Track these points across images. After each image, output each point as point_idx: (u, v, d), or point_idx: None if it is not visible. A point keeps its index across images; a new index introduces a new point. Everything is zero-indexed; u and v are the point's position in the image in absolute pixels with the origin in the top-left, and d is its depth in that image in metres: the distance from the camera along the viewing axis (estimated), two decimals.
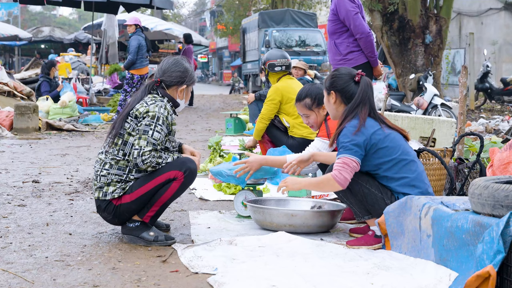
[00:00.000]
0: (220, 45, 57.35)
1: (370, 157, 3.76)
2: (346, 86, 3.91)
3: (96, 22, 20.51)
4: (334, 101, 3.94)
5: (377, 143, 3.73)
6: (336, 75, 3.97)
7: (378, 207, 3.76)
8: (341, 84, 3.92)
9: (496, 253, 2.72)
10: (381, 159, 3.75)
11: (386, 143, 3.75)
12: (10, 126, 10.75)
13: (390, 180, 3.78)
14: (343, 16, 5.70)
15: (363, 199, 3.79)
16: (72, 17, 75.23)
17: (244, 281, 3.11)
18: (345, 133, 3.75)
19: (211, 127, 12.51)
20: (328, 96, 3.97)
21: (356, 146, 3.69)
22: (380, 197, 3.77)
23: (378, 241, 3.79)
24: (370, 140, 3.72)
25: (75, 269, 3.37)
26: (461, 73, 5.68)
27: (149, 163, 3.80)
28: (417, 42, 15.41)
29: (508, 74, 21.47)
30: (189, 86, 4.12)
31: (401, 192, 3.76)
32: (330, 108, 4.00)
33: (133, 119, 3.88)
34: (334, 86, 3.93)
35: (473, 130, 11.01)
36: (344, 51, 5.78)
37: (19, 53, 38.83)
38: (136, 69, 12.35)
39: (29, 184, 5.93)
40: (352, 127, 3.74)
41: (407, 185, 3.76)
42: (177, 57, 4.18)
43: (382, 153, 3.75)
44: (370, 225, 3.87)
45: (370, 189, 3.77)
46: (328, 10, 31.09)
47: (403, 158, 3.77)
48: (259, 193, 4.76)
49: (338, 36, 5.79)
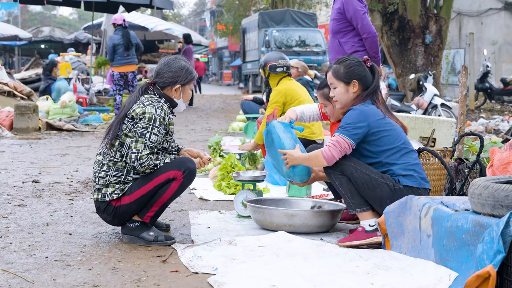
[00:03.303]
0: (220, 45, 57.32)
1: (372, 144, 3.78)
2: (366, 73, 3.93)
3: (96, 22, 20.51)
4: (356, 90, 3.92)
5: (380, 131, 3.77)
6: (352, 63, 3.94)
7: (379, 191, 3.75)
8: (361, 71, 3.92)
9: (496, 253, 2.72)
10: (383, 146, 3.79)
11: (390, 131, 3.80)
12: (10, 126, 10.74)
13: (391, 164, 3.79)
14: (351, 15, 5.70)
15: (363, 186, 3.76)
16: (72, 17, 75.22)
17: (244, 281, 3.11)
18: (351, 114, 3.79)
19: (211, 127, 12.51)
20: (348, 86, 3.92)
21: (356, 128, 3.73)
22: (382, 182, 3.76)
23: (369, 236, 3.79)
24: (372, 126, 3.75)
25: (75, 269, 3.37)
26: (461, 73, 5.68)
27: (147, 165, 3.80)
28: (417, 42, 15.40)
29: (508, 74, 21.46)
30: (185, 85, 4.05)
31: (401, 174, 3.78)
32: (348, 98, 3.95)
33: (129, 120, 3.87)
34: (355, 74, 3.91)
35: (473, 130, 11.01)
36: (349, 50, 5.77)
37: (19, 53, 38.83)
38: (115, 67, 12.43)
39: (29, 184, 5.93)
40: (359, 110, 3.78)
41: (408, 168, 3.80)
42: (172, 56, 4.13)
43: (384, 140, 3.78)
44: (361, 219, 3.86)
45: (371, 175, 3.77)
46: (328, 10, 31.09)
47: (404, 147, 3.83)
48: (259, 193, 4.76)
49: (343, 35, 5.79)
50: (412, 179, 3.80)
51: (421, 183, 3.82)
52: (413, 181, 3.80)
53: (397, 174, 3.78)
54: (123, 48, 12.24)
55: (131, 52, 12.38)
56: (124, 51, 12.26)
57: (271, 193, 5.57)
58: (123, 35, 12.25)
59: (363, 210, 3.82)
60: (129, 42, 12.28)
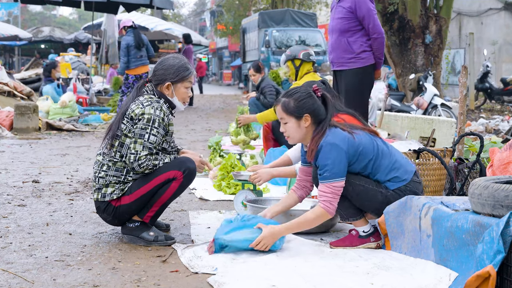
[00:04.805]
0: (220, 45, 57.32)
1: (354, 164, 3.71)
2: (317, 105, 3.73)
3: (96, 22, 20.51)
4: (308, 124, 3.71)
5: (355, 152, 3.66)
6: (302, 96, 3.72)
7: (375, 201, 3.72)
8: (312, 103, 3.71)
9: (496, 253, 2.72)
10: (363, 162, 3.70)
11: (361, 146, 3.67)
12: (10, 126, 10.75)
13: (375, 174, 3.74)
14: (363, 14, 5.68)
15: (358, 198, 3.72)
16: (72, 17, 75.21)
17: (244, 281, 3.11)
18: (324, 154, 3.61)
19: (211, 127, 12.51)
20: (300, 121, 3.71)
21: (338, 164, 3.59)
22: (376, 191, 3.72)
23: (362, 242, 3.77)
24: (348, 150, 3.63)
25: (75, 269, 3.37)
26: (461, 73, 5.68)
27: (146, 166, 3.80)
28: (417, 42, 15.41)
29: (508, 74, 21.46)
30: (177, 82, 3.98)
31: (386, 180, 3.73)
32: (301, 133, 3.74)
33: (129, 120, 3.87)
34: (306, 108, 3.70)
35: (473, 130, 11.01)
36: (358, 50, 5.77)
37: (19, 53, 38.83)
38: (129, 69, 12.33)
39: (29, 184, 5.93)
40: (328, 145, 3.60)
41: (390, 170, 3.73)
42: (168, 55, 4.10)
43: (362, 156, 3.68)
44: (355, 226, 3.83)
45: (365, 185, 3.72)
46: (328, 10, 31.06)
47: (377, 153, 3.72)
48: (259, 193, 4.76)
49: (352, 34, 5.78)
50: (397, 180, 3.73)
51: (405, 178, 3.74)
52: (399, 181, 3.74)
53: (383, 181, 3.75)
54: (135, 50, 12.22)
55: (143, 52, 12.38)
56: (136, 52, 12.24)
57: (271, 193, 5.57)
58: (135, 36, 12.25)
59: (356, 219, 3.80)
60: (141, 41, 12.27)
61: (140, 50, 12.30)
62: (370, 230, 3.78)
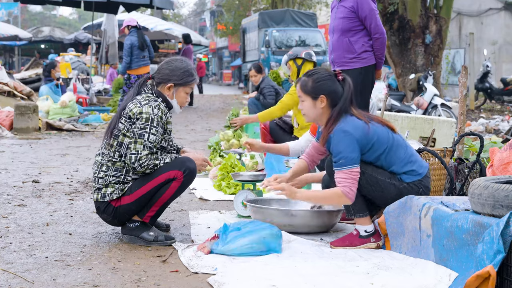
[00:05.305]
0: (220, 45, 57.32)
1: (367, 153, 3.73)
2: (336, 87, 3.78)
3: (96, 22, 20.51)
4: (323, 106, 3.77)
5: (369, 141, 3.69)
6: (320, 78, 3.79)
7: (387, 192, 3.73)
8: (330, 85, 3.77)
9: (496, 253, 2.72)
10: (376, 152, 3.73)
11: (375, 136, 3.71)
12: (10, 126, 10.75)
13: (390, 165, 3.75)
14: (366, 14, 5.68)
15: (371, 189, 3.73)
16: (72, 17, 75.17)
17: (244, 281, 3.11)
18: (337, 141, 3.65)
19: (211, 127, 12.51)
20: (315, 101, 3.78)
21: (352, 152, 3.62)
22: (389, 183, 3.74)
23: (363, 242, 3.77)
24: (360, 139, 3.66)
25: (75, 269, 3.37)
26: (461, 73, 5.68)
27: (147, 166, 3.80)
28: (417, 42, 15.41)
29: (508, 74, 21.47)
30: (180, 86, 4.01)
31: (402, 172, 3.75)
32: (316, 113, 3.81)
33: (127, 119, 3.87)
34: (323, 89, 3.76)
35: (473, 130, 11.02)
36: (360, 50, 5.76)
37: (19, 53, 38.83)
38: (131, 70, 12.32)
39: (29, 184, 5.93)
40: (341, 132, 3.65)
41: (407, 162, 3.76)
42: (176, 57, 4.13)
43: (376, 147, 3.71)
44: (357, 223, 3.83)
45: (378, 177, 3.74)
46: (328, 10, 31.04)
47: (392, 143, 3.75)
48: (259, 193, 4.76)
49: (353, 34, 5.77)
50: (414, 173, 3.77)
51: (421, 172, 3.79)
52: (415, 174, 3.77)
53: (399, 173, 3.76)
54: (139, 50, 12.22)
55: (146, 53, 12.39)
56: (140, 53, 12.24)
57: (271, 193, 5.57)
58: (139, 36, 12.25)
59: (362, 216, 3.80)
60: (144, 42, 12.28)
61: (143, 50, 12.31)
62: (372, 230, 3.79)
